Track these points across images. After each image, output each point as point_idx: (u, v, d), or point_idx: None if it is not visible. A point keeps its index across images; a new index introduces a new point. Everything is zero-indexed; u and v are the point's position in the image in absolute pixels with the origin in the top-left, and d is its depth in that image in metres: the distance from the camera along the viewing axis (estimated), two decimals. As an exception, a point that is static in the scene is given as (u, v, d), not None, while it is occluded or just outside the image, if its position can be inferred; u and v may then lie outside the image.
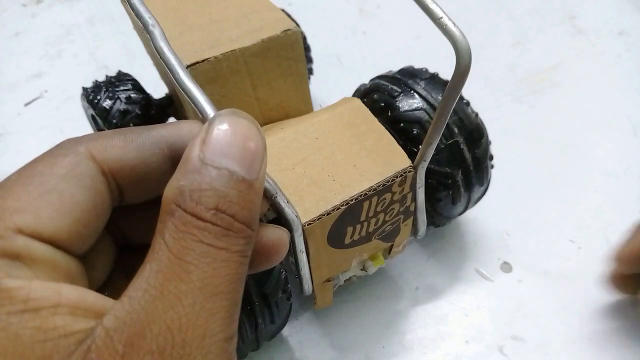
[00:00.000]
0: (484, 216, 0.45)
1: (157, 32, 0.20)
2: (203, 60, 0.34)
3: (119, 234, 0.21)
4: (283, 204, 0.21)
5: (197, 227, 0.15)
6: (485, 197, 0.41)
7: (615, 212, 0.45)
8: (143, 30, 0.20)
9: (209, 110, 0.18)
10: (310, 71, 0.53)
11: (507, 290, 0.41)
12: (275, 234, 0.20)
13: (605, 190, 0.47)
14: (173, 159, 0.18)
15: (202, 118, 0.18)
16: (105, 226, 0.18)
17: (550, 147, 0.51)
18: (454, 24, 0.23)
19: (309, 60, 0.52)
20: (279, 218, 0.24)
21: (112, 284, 0.20)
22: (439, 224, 0.40)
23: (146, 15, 0.20)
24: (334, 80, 0.57)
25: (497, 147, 0.42)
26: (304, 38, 0.49)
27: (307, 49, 0.51)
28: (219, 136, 0.16)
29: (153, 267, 0.15)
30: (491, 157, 0.38)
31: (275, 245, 0.19)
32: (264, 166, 0.17)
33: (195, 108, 0.18)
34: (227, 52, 0.34)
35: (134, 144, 0.18)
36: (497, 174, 0.47)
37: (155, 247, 0.16)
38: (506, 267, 0.43)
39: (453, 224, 0.45)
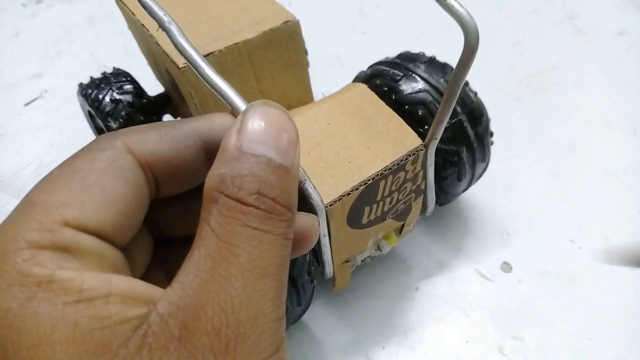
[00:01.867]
0: (484, 216, 0.45)
1: (174, 28, 0.20)
2: (207, 54, 0.34)
3: (154, 227, 0.21)
4: (311, 190, 0.22)
5: (241, 211, 0.16)
6: (485, 197, 0.41)
7: (615, 212, 0.45)
8: (142, 28, 0.20)
9: (240, 102, 0.18)
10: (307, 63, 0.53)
11: (507, 290, 0.41)
12: (306, 221, 0.20)
13: (605, 190, 0.47)
14: (206, 151, 0.19)
15: (233, 110, 0.19)
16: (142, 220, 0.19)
17: (550, 147, 0.51)
18: (460, 4, 0.23)
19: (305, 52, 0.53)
20: (304, 204, 0.24)
21: (150, 277, 0.20)
22: (444, 202, 0.41)
23: (160, 13, 0.20)
24: (334, 80, 0.57)
25: (497, 147, 0.42)
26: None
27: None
28: (254, 126, 0.17)
29: (201, 253, 0.16)
30: (491, 134, 0.39)
31: (307, 231, 0.20)
32: (298, 153, 0.18)
33: (224, 101, 0.19)
34: (230, 45, 0.35)
35: (168, 137, 0.18)
36: (497, 173, 0.47)
37: (201, 233, 0.16)
38: (506, 267, 0.43)
39: (454, 224, 0.45)
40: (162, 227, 0.21)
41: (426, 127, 0.35)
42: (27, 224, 0.15)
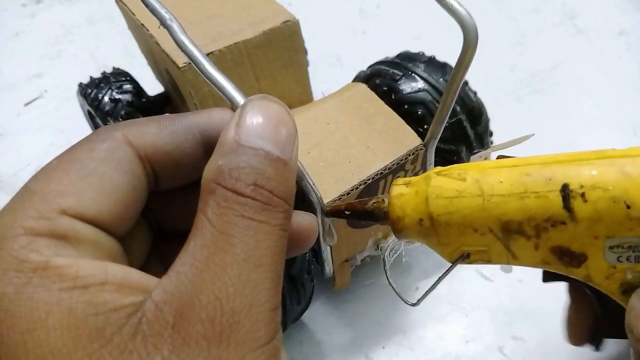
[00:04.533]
0: (484, 216, 0.45)
1: (175, 26, 0.20)
2: (208, 54, 0.34)
3: (154, 220, 0.21)
4: (309, 187, 0.22)
5: (238, 202, 0.16)
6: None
7: (615, 212, 0.45)
8: (142, 28, 0.20)
9: (239, 97, 0.19)
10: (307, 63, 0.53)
11: (507, 290, 0.41)
12: (305, 220, 0.20)
13: (605, 190, 0.47)
14: (205, 145, 0.19)
15: (232, 105, 0.19)
16: (141, 212, 0.19)
17: (550, 147, 0.51)
18: (459, 4, 0.24)
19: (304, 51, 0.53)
20: (303, 201, 0.24)
21: (148, 269, 0.20)
22: None
23: (162, 10, 0.20)
24: (334, 80, 0.57)
25: (497, 147, 0.42)
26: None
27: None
28: (252, 119, 0.17)
29: (198, 242, 0.16)
30: (491, 134, 0.39)
31: (306, 230, 0.20)
32: (296, 147, 0.18)
33: (224, 96, 0.19)
34: (230, 45, 0.35)
35: (168, 130, 0.18)
36: (497, 174, 0.47)
37: (198, 224, 0.16)
38: (506, 267, 0.43)
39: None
40: (162, 221, 0.21)
41: (426, 126, 0.35)
42: (25, 211, 0.16)
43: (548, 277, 0.27)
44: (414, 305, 0.27)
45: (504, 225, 0.22)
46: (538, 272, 0.45)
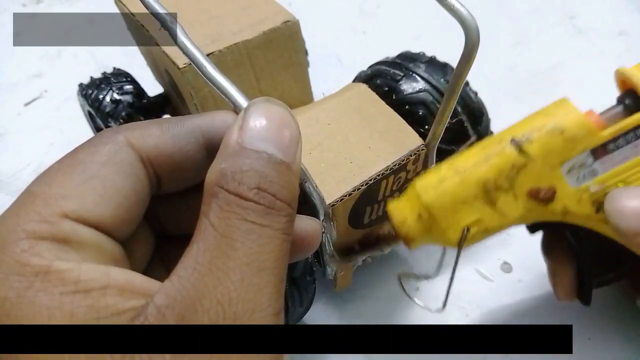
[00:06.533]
0: (484, 216, 0.45)
1: (176, 27, 0.20)
2: (208, 55, 0.34)
3: (157, 224, 0.21)
4: (312, 188, 0.22)
5: (241, 206, 0.16)
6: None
7: (616, 212, 0.45)
8: (142, 29, 0.20)
9: (242, 100, 0.19)
10: (307, 63, 0.54)
11: (507, 290, 0.41)
12: (308, 225, 0.20)
13: (605, 190, 0.47)
14: (208, 147, 0.19)
15: (235, 108, 0.19)
16: (144, 215, 0.19)
17: (550, 147, 0.51)
18: (460, 4, 0.24)
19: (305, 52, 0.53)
20: (305, 203, 0.24)
21: (151, 273, 0.20)
22: None
23: (163, 12, 0.20)
24: (334, 80, 0.57)
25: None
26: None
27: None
28: (256, 122, 0.17)
29: (200, 246, 0.16)
30: (492, 134, 0.39)
31: (309, 235, 0.20)
32: (299, 150, 0.18)
33: (227, 99, 0.19)
34: (230, 46, 0.35)
35: (170, 133, 0.19)
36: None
37: (200, 227, 0.16)
38: (506, 267, 0.43)
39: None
40: (165, 224, 0.21)
41: (427, 127, 0.35)
42: (27, 215, 0.16)
43: (533, 228, 0.32)
44: (440, 311, 0.31)
45: (484, 187, 0.26)
46: (538, 272, 0.45)
